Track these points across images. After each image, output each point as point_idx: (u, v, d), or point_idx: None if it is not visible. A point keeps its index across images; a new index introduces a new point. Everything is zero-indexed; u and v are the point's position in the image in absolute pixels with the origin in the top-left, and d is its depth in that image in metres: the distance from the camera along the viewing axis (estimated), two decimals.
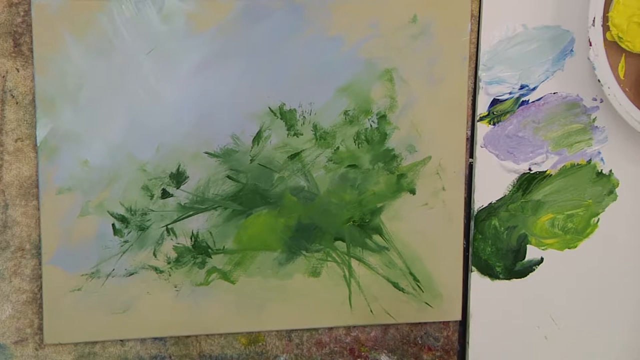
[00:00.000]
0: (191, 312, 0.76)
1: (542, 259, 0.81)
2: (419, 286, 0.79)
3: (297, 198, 0.76)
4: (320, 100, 0.75)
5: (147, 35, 0.71)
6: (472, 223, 0.80)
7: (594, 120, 0.80)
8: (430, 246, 0.79)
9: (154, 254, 0.74)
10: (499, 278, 0.81)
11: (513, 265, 0.81)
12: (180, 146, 0.73)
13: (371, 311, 0.79)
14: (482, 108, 0.78)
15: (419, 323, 0.81)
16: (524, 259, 0.81)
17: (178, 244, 0.75)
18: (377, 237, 0.78)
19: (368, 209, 0.77)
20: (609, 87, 0.76)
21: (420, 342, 0.81)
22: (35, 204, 0.73)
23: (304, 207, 0.76)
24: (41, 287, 0.73)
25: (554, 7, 0.77)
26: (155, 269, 0.74)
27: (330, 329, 0.79)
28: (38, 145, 0.71)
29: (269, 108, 0.74)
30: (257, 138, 0.75)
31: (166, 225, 0.74)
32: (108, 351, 0.76)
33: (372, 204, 0.77)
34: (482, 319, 0.81)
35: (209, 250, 0.75)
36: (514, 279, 0.81)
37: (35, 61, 0.70)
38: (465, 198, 0.80)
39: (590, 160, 0.80)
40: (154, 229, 0.74)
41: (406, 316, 0.80)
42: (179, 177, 0.74)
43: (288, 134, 0.75)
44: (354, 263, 0.78)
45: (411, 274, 0.79)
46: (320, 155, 0.76)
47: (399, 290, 0.79)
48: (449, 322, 0.81)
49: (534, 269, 0.81)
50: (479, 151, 0.79)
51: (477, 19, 0.77)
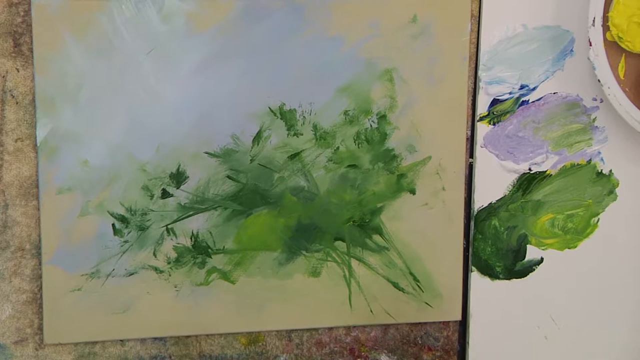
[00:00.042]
0: (191, 312, 0.76)
1: (542, 259, 0.81)
2: (419, 286, 0.79)
3: (297, 198, 0.76)
4: (320, 100, 0.75)
5: (147, 35, 0.71)
6: (472, 223, 0.80)
7: (594, 120, 0.80)
8: (430, 246, 0.79)
9: (154, 254, 0.74)
10: (499, 278, 0.81)
11: (513, 265, 0.81)
12: (180, 146, 0.73)
13: (371, 311, 0.79)
14: (482, 108, 0.78)
15: (419, 323, 0.81)
16: (524, 259, 0.81)
17: (178, 244, 0.75)
18: (377, 237, 0.78)
19: (368, 209, 0.77)
20: (609, 87, 0.76)
21: (420, 342, 0.81)
22: (35, 204, 0.73)
23: (304, 207, 0.76)
24: (41, 287, 0.73)
25: (554, 7, 0.77)
26: (155, 269, 0.74)
27: (330, 329, 0.79)
28: (38, 145, 0.71)
29: (269, 108, 0.74)
30: (257, 138, 0.75)
31: (166, 225, 0.74)
32: (108, 351, 0.76)
33: (372, 204, 0.77)
34: (482, 319, 0.81)
35: (209, 250, 0.75)
36: (514, 279, 0.81)
37: (35, 61, 0.70)
38: (465, 198, 0.80)
39: (590, 160, 0.80)
40: (154, 229, 0.74)
41: (406, 316, 0.80)
42: (179, 177, 0.74)
43: (288, 134, 0.75)
44: (354, 263, 0.78)
45: (411, 274, 0.79)
46: (320, 155, 0.76)
47: (399, 290, 0.79)
48: (449, 322, 0.81)
49: (534, 269, 0.81)
50: (479, 151, 0.79)
51: (477, 19, 0.77)
